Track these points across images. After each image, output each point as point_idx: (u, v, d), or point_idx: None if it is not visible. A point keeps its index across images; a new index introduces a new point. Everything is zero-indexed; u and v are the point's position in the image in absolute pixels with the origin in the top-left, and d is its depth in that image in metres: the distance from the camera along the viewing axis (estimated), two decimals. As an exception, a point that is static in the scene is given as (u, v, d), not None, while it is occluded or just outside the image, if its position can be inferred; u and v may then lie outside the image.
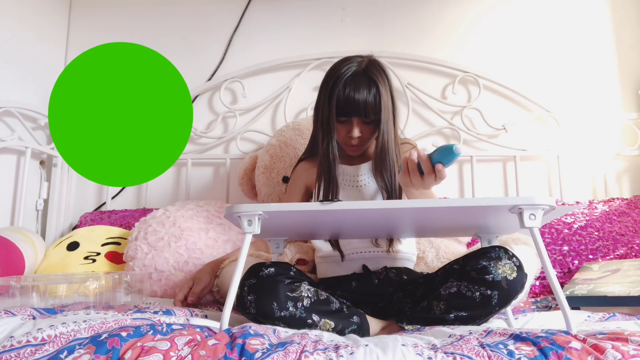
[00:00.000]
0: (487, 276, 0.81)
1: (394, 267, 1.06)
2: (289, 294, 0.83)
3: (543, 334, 0.63)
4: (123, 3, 2.03)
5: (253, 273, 0.85)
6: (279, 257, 1.04)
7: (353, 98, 1.06)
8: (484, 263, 0.82)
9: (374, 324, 0.92)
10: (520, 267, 0.82)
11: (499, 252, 0.83)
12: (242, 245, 0.78)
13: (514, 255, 0.83)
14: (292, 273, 0.89)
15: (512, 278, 0.81)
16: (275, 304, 0.81)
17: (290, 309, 0.82)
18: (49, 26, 1.92)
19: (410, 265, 1.13)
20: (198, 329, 0.68)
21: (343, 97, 1.07)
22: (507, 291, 0.81)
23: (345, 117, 1.09)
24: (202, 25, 1.98)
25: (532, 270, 1.23)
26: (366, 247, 1.08)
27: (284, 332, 0.75)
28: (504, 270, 0.81)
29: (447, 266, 0.93)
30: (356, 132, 1.09)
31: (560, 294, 0.71)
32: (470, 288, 0.82)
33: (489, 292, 0.81)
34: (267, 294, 0.82)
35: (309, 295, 0.86)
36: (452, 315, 0.83)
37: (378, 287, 1.03)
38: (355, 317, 0.88)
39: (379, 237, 1.06)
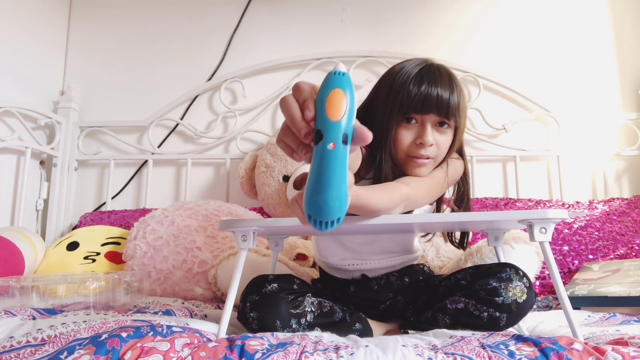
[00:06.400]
0: (497, 298, 0.79)
1: (395, 271, 1.02)
2: (292, 311, 0.82)
3: (544, 335, 0.63)
4: (123, 4, 2.03)
5: (256, 288, 0.83)
6: (278, 252, 1.03)
7: (431, 89, 0.83)
8: (494, 284, 0.79)
9: (376, 328, 0.91)
10: (530, 288, 0.80)
11: (510, 273, 0.80)
12: (238, 260, 0.77)
13: (524, 276, 0.81)
14: (295, 287, 0.87)
15: (522, 300, 0.79)
16: (278, 322, 0.80)
17: (294, 326, 0.81)
18: (49, 27, 1.92)
19: (414, 262, 1.07)
20: (197, 335, 0.68)
21: (417, 90, 0.83)
22: (516, 313, 0.79)
23: (419, 113, 0.85)
24: (202, 25, 1.98)
25: (532, 270, 1.23)
26: (366, 258, 1.00)
27: (282, 334, 0.75)
28: (514, 293, 0.78)
29: (452, 278, 0.90)
30: (430, 136, 0.85)
31: (568, 306, 0.70)
32: (478, 307, 0.80)
33: (497, 314, 0.79)
34: (269, 311, 0.80)
35: (312, 309, 0.85)
36: (458, 330, 0.81)
37: (377, 293, 0.99)
38: (357, 324, 0.87)
39: (381, 234, 1.03)
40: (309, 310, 0.84)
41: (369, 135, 0.49)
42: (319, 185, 0.47)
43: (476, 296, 0.81)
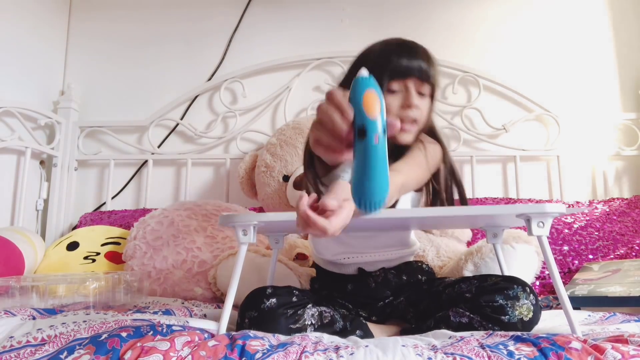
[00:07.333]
0: (503, 317, 0.78)
1: (392, 268, 1.02)
2: (291, 326, 0.81)
3: (543, 335, 0.63)
4: (123, 4, 2.03)
5: (254, 303, 0.82)
6: (279, 250, 1.03)
7: (412, 58, 0.90)
8: (501, 302, 0.79)
9: (377, 332, 0.91)
10: (536, 305, 0.80)
11: (517, 291, 0.79)
12: (238, 255, 0.77)
13: (531, 292, 0.80)
14: (294, 299, 0.85)
15: (527, 319, 0.78)
16: None
17: None
18: (49, 27, 1.92)
19: (410, 258, 1.07)
20: (198, 331, 0.68)
21: (398, 59, 0.89)
22: (521, 331, 0.78)
23: (402, 78, 0.89)
24: (202, 25, 1.98)
25: (532, 270, 1.23)
26: (362, 251, 1.00)
27: (284, 336, 0.75)
28: (520, 312, 0.78)
29: (456, 287, 0.89)
30: (415, 99, 0.90)
31: (566, 300, 0.70)
32: (483, 324, 0.79)
33: (502, 332, 0.78)
34: (269, 328, 0.79)
35: (313, 322, 0.84)
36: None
37: (375, 290, 0.99)
38: (358, 331, 0.87)
39: (380, 230, 1.01)
40: (309, 323, 0.83)
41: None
42: (368, 173, 0.54)
43: (481, 312, 0.80)
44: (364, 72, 0.54)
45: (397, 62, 0.90)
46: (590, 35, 1.86)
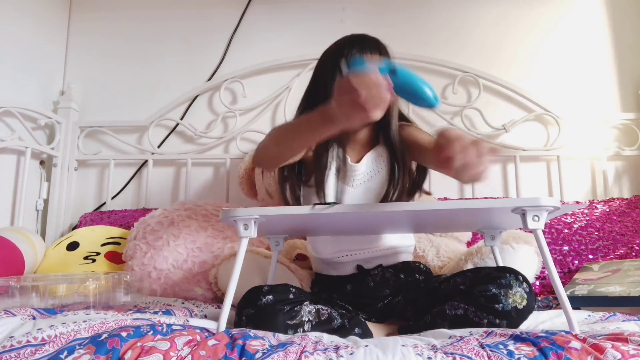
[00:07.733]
0: (496, 305, 0.79)
1: (390, 266, 1.03)
2: (288, 322, 0.81)
3: (543, 334, 0.63)
4: (123, 4, 2.03)
5: (251, 301, 0.83)
6: (279, 252, 1.04)
7: (360, 47, 1.03)
8: (494, 291, 0.80)
9: (376, 331, 0.91)
10: (530, 293, 0.81)
11: (510, 279, 0.80)
12: (239, 249, 0.77)
13: (524, 281, 0.81)
14: (291, 296, 0.86)
15: (521, 307, 0.79)
16: None
17: None
18: (49, 26, 1.92)
19: (408, 257, 1.08)
20: (198, 330, 0.68)
21: (349, 49, 1.03)
22: (516, 319, 0.79)
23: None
24: (202, 25, 1.98)
25: (532, 270, 1.23)
26: (359, 247, 1.02)
27: (284, 336, 0.75)
28: (514, 299, 0.79)
29: (452, 281, 0.90)
30: None
31: (563, 295, 0.71)
32: (478, 314, 0.80)
33: (497, 321, 0.79)
34: (266, 324, 0.79)
35: (310, 318, 0.84)
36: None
37: (374, 290, 1.00)
38: (357, 328, 0.87)
39: (379, 233, 1.04)
40: (307, 319, 0.84)
41: None
42: (417, 84, 0.73)
43: (476, 303, 0.81)
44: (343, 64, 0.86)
45: (350, 52, 1.03)
46: (590, 36, 1.86)
